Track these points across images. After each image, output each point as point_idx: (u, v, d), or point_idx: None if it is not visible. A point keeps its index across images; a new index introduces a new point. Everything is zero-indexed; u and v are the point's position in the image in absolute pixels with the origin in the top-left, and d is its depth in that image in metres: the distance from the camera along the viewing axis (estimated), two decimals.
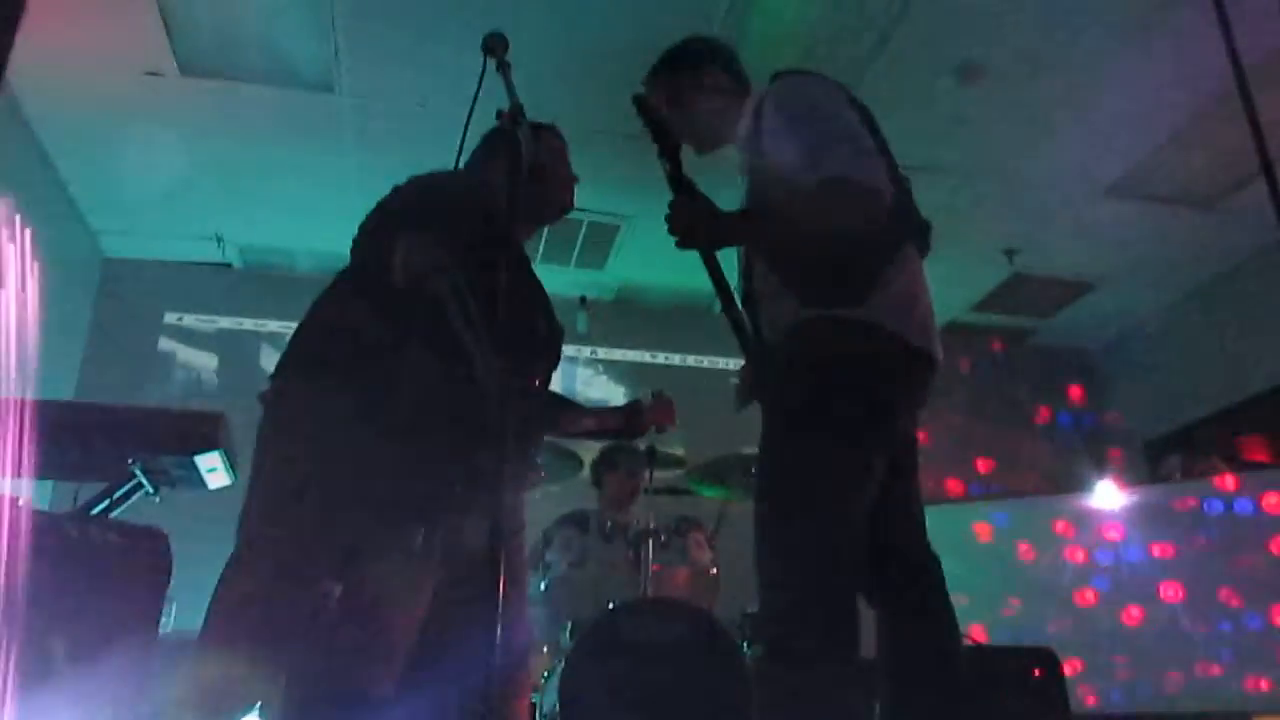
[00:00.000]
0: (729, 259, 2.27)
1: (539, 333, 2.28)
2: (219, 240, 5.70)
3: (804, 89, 2.17)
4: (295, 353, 2.13)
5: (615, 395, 6.39)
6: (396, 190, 2.18)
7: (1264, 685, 4.07)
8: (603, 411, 2.84)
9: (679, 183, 2.20)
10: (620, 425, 2.73)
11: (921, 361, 2.06)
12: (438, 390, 2.04)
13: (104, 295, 5.77)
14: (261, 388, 2.13)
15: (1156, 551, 4.50)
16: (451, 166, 2.30)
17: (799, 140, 2.04)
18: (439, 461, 2.07)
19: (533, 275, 2.37)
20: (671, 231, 2.14)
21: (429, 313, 1.98)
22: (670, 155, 2.24)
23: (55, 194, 5.13)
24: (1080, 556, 4.66)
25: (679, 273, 6.04)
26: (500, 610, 1.49)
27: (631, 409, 2.74)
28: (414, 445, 2.03)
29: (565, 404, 2.67)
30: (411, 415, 2.02)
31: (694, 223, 2.11)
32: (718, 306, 2.30)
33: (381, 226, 2.10)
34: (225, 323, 5.90)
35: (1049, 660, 3.06)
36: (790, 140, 2.05)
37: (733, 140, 2.33)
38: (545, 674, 3.53)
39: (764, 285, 2.16)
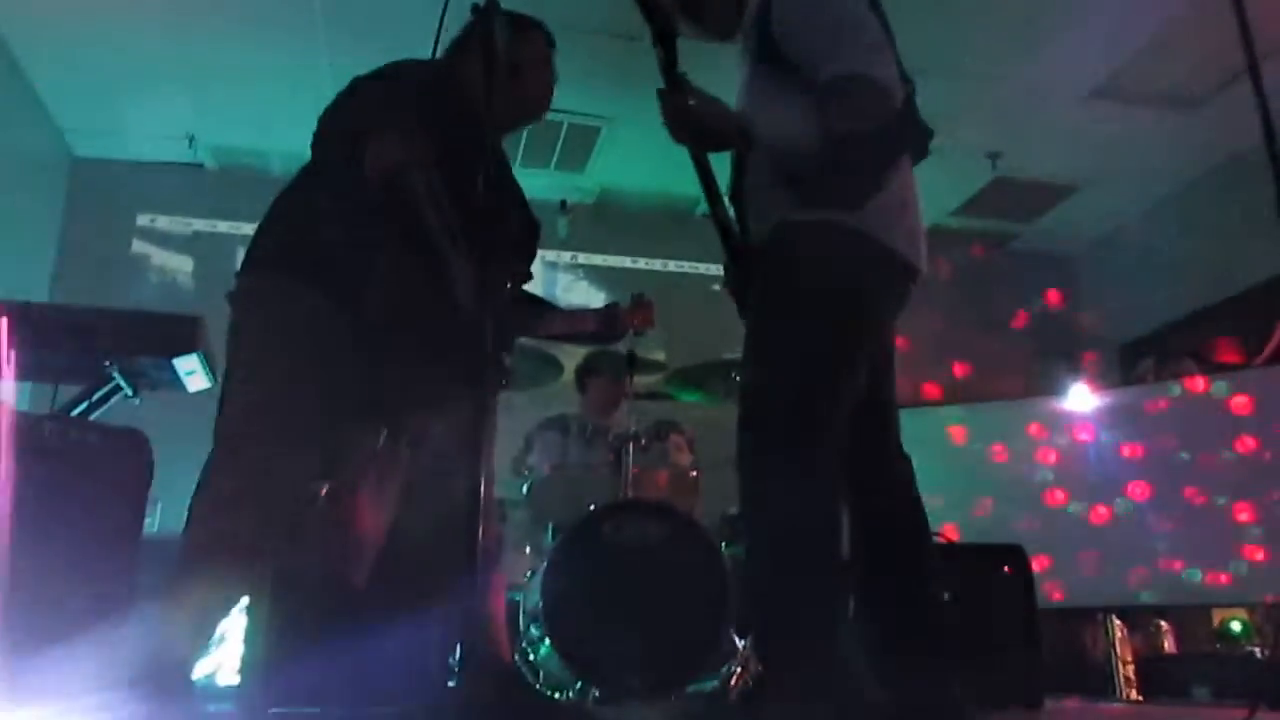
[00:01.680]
0: (718, 155, 2.22)
1: (513, 231, 2.25)
2: (190, 140, 5.57)
3: None
4: (263, 249, 2.10)
5: (595, 300, 6.37)
6: (361, 81, 2.12)
7: (1224, 579, 4.21)
8: (581, 313, 2.83)
9: (672, 73, 2.08)
10: (599, 327, 2.71)
11: (906, 273, 2.07)
12: (409, 291, 2.02)
13: (74, 196, 5.66)
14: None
15: (1126, 452, 4.59)
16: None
17: (811, 31, 1.97)
18: (409, 363, 2.06)
19: (507, 170, 2.33)
20: (667, 123, 2.04)
21: (400, 210, 1.95)
22: (664, 42, 2.10)
23: (21, 91, 4.99)
24: (1052, 458, 4.75)
25: (661, 176, 5.97)
26: (479, 513, 1.51)
27: (609, 311, 2.73)
28: (385, 346, 2.02)
29: (542, 306, 2.65)
30: (382, 315, 2.00)
31: (691, 115, 2.02)
32: (700, 210, 2.28)
33: (349, 120, 2.05)
34: (200, 225, 5.81)
35: (1018, 557, 3.14)
36: (802, 30, 1.99)
37: (733, 37, 2.25)
38: (528, 574, 3.60)
39: (756, 181, 2.12)
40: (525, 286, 2.45)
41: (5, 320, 2.16)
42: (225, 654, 3.14)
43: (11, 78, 4.85)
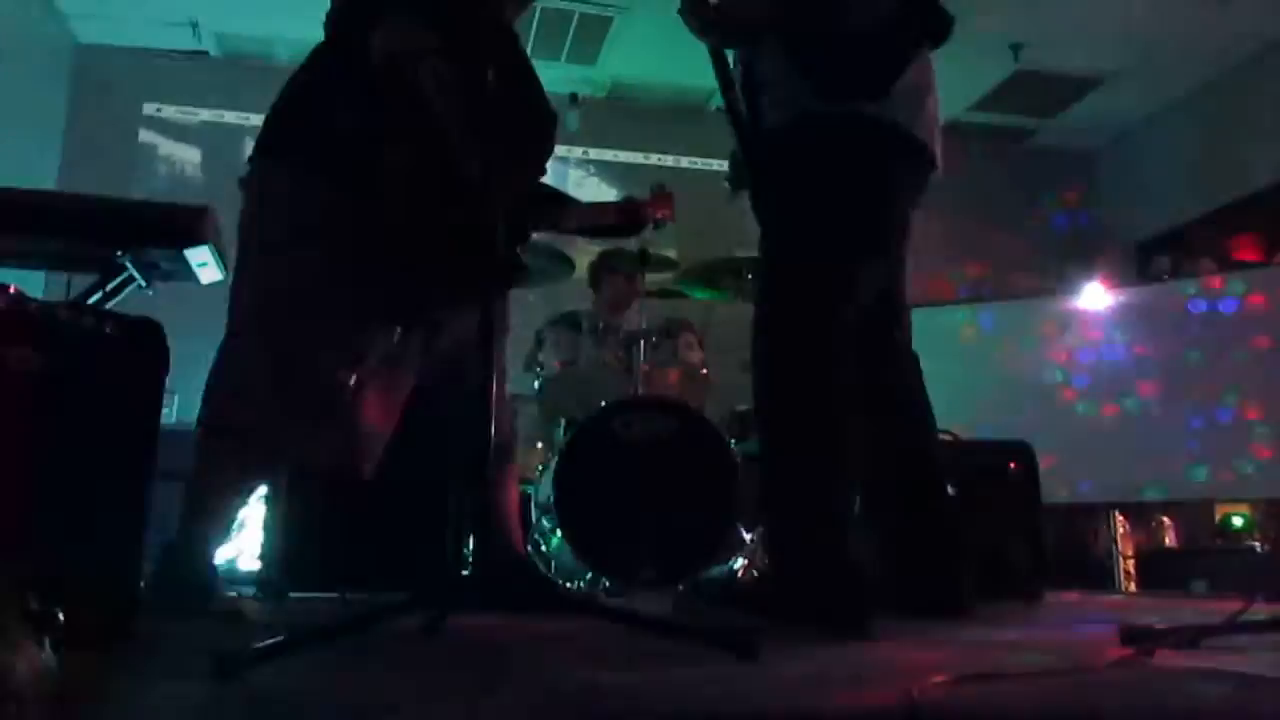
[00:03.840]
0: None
1: (530, 120, 2.21)
2: (194, 26, 5.46)
3: None
4: (274, 134, 2.08)
5: (607, 196, 6.31)
6: None
7: (1229, 476, 4.24)
8: (601, 206, 2.78)
9: None
10: (619, 219, 2.68)
11: (925, 160, 2.06)
12: (420, 184, 2.00)
13: (79, 84, 5.58)
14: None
15: (1138, 350, 4.58)
16: None
17: None
18: (421, 256, 2.05)
19: (523, 56, 2.28)
20: (683, 14, 2.02)
21: (409, 101, 1.92)
22: None
23: None
24: (1063, 357, 4.74)
25: (674, 69, 5.84)
26: (492, 405, 1.52)
27: (629, 203, 2.70)
28: (396, 238, 2.01)
29: (561, 199, 2.62)
30: (393, 207, 1.99)
31: (708, 8, 2.00)
32: (714, 104, 2.24)
33: (359, 4, 2.00)
34: (206, 115, 5.73)
35: (1024, 454, 3.17)
36: None
37: None
38: (540, 468, 3.65)
39: (773, 71, 2.08)
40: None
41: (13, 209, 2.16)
42: (245, 540, 3.22)
43: None
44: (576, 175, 6.27)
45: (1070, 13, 5.18)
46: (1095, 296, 4.79)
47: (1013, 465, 3.15)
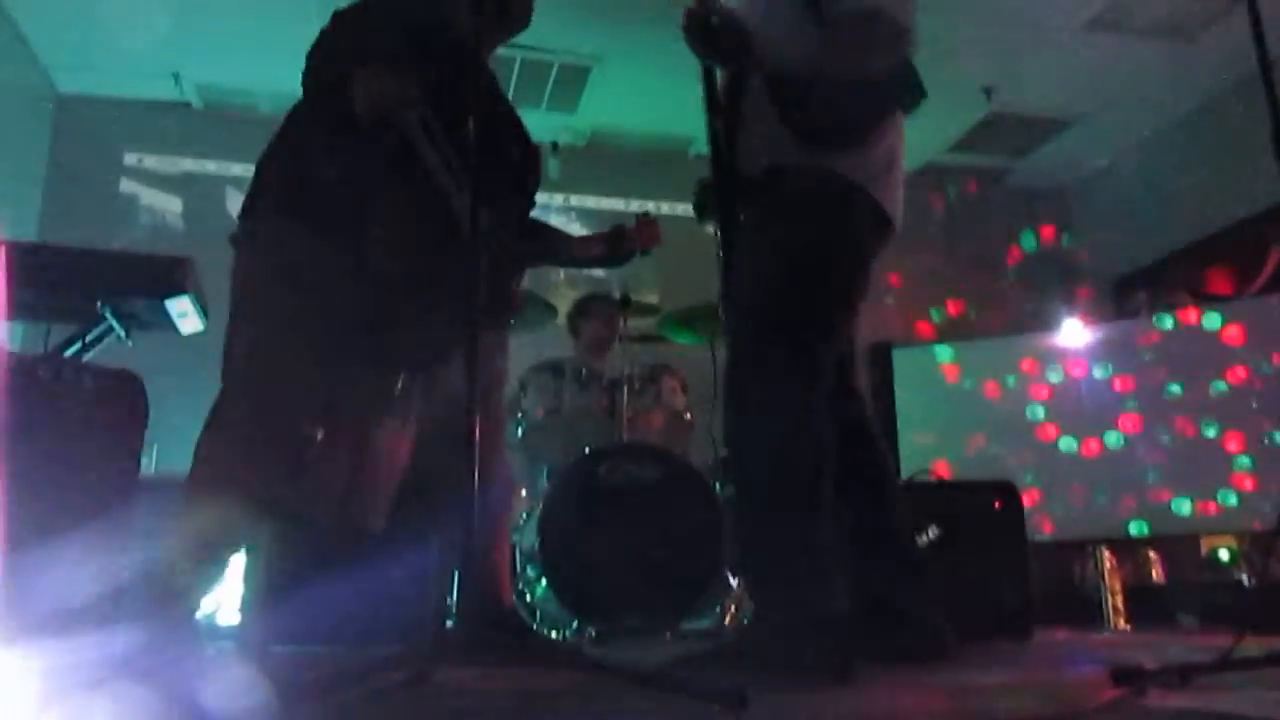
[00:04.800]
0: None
1: (514, 158, 2.22)
2: (176, 78, 5.48)
3: None
4: (261, 191, 2.08)
5: None
6: (343, 14, 2.07)
7: (1213, 508, 4.26)
8: (587, 237, 2.78)
9: None
10: (606, 250, 2.68)
11: (887, 228, 2.11)
12: (410, 230, 2.01)
13: (60, 134, 5.57)
14: (229, 230, 2.09)
15: (1118, 385, 4.62)
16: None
17: None
18: (415, 303, 2.05)
19: (502, 96, 2.29)
20: (685, 31, 2.06)
21: (395, 147, 1.93)
22: None
23: (2, 24, 4.88)
24: (1044, 393, 4.78)
25: (653, 117, 5.90)
26: (477, 457, 1.51)
27: (616, 232, 2.70)
28: (391, 287, 2.02)
29: (549, 232, 2.63)
30: (384, 256, 1.99)
31: (709, 27, 2.03)
32: (693, 150, 2.27)
33: (336, 55, 2.01)
34: (188, 165, 5.73)
35: (1009, 492, 3.17)
36: None
37: None
38: (524, 515, 3.63)
39: (755, 110, 2.12)
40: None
41: None
42: (225, 593, 3.17)
43: None
44: (558, 222, 6.28)
45: (1039, 56, 5.27)
46: (1074, 332, 4.83)
47: (998, 504, 3.15)
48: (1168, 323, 4.58)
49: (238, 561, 2.68)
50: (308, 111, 2.10)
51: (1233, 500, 4.21)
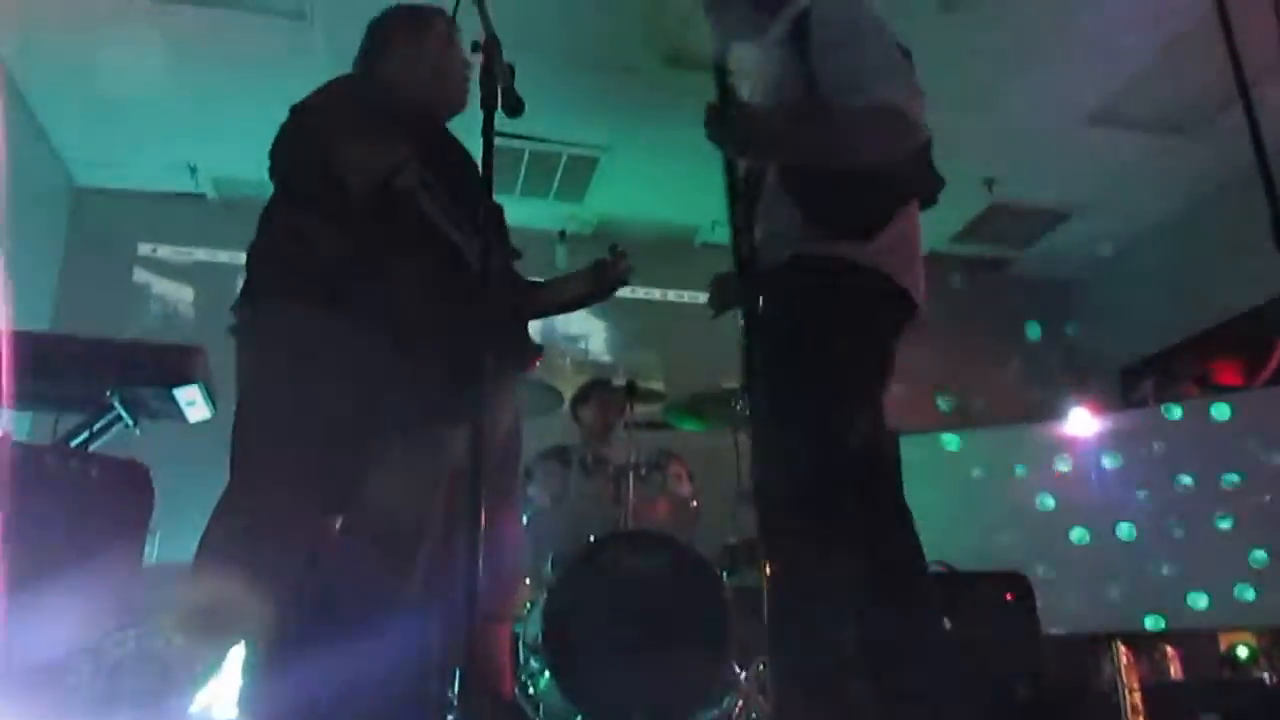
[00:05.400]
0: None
1: (492, 211, 2.24)
2: (192, 170, 5.60)
3: (858, 10, 2.12)
4: (260, 277, 2.09)
5: (595, 330, 6.39)
6: (302, 107, 2.11)
7: (1229, 604, 4.18)
8: (570, 278, 2.73)
9: (723, 81, 2.13)
10: (592, 286, 2.66)
11: (911, 311, 2.13)
12: (426, 292, 2.01)
13: (76, 225, 5.68)
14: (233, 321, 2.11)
15: (1128, 475, 4.57)
16: None
17: (851, 59, 2.02)
18: (439, 368, 2.03)
19: (467, 154, 2.31)
20: (723, 137, 2.08)
21: (398, 210, 1.94)
22: (720, 54, 2.19)
23: (24, 120, 5.01)
24: (1054, 483, 4.73)
25: (659, 206, 6.00)
26: (483, 521, 1.50)
27: (597, 265, 2.69)
28: (408, 357, 2.01)
29: (533, 284, 2.60)
30: (402, 326, 1.99)
31: (747, 131, 2.07)
32: (699, 240, 2.29)
33: (311, 144, 2.04)
34: (201, 255, 5.82)
35: (1020, 584, 3.13)
36: (841, 57, 2.03)
37: (763, 33, 2.27)
38: (528, 605, 3.58)
39: (773, 200, 2.16)
40: None
41: (6, 349, 2.16)
42: (223, 687, 3.11)
43: (16, 106, 4.87)
44: None
45: (1040, 149, 5.37)
46: (1082, 421, 4.80)
47: (1009, 596, 3.10)
48: (1176, 413, 4.55)
49: (236, 653, 2.64)
50: (288, 200, 2.13)
51: (1250, 595, 4.13)
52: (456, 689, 2.53)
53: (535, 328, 2.49)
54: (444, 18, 2.38)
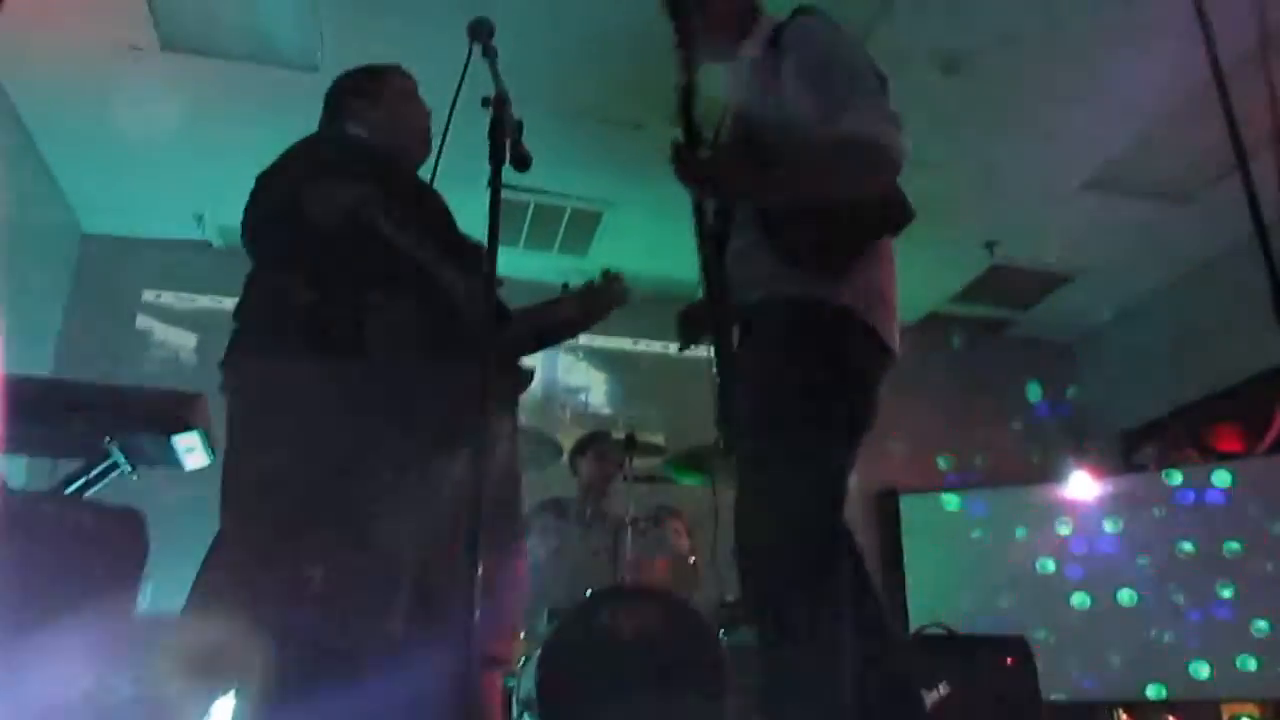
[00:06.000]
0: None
1: (468, 251, 2.24)
2: (199, 219, 5.65)
3: (835, 34, 2.06)
4: (242, 334, 2.09)
5: (596, 382, 6.39)
6: (268, 173, 2.13)
7: (1231, 674, 4.13)
8: (561, 301, 2.69)
9: (690, 121, 2.10)
10: (585, 307, 2.62)
11: (886, 355, 2.08)
12: (402, 325, 2.01)
13: (82, 272, 5.71)
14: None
15: (1129, 540, 4.55)
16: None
17: (825, 86, 1.96)
18: (424, 399, 2.02)
19: (438, 197, 2.32)
20: (691, 178, 2.05)
21: (368, 245, 1.95)
22: (685, 93, 2.13)
23: (34, 169, 5.07)
24: (1054, 545, 4.71)
25: (661, 261, 6.03)
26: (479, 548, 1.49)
27: (585, 288, 2.65)
28: (391, 392, 2.00)
29: (522, 311, 2.54)
30: (380, 362, 1.99)
31: (715, 171, 2.05)
32: (699, 295, 2.28)
33: (273, 197, 2.05)
34: (205, 301, 5.85)
35: (1021, 649, 3.10)
36: (816, 83, 1.98)
37: (732, 58, 2.24)
38: (523, 660, 3.54)
39: (744, 240, 2.11)
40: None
41: (4, 394, 2.16)
42: None
43: (26, 152, 4.93)
44: (566, 361, 6.36)
45: (1040, 213, 5.42)
46: (1083, 485, 4.79)
47: (1010, 661, 3.06)
48: (1177, 479, 4.55)
49: (227, 704, 2.61)
50: (260, 260, 2.13)
51: (1252, 665, 4.09)
52: None
53: (535, 376, 2.46)
54: (399, 72, 2.42)
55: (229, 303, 2.13)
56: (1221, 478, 4.42)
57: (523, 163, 1.88)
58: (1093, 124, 4.65)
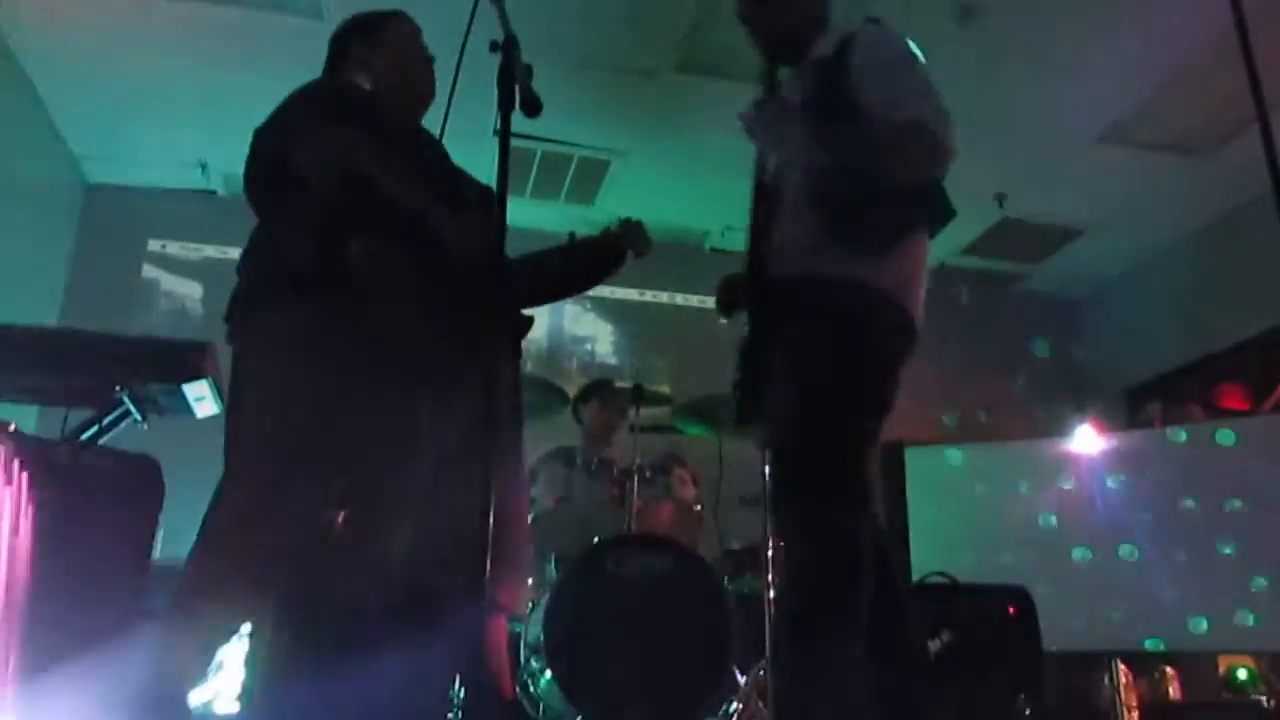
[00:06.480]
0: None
1: (471, 198, 2.23)
2: (203, 167, 5.62)
3: (900, 41, 2.21)
4: (244, 287, 2.10)
5: (602, 332, 6.39)
6: (263, 129, 2.12)
7: (1231, 627, 4.17)
8: (573, 245, 2.67)
9: (771, 80, 2.25)
10: (597, 252, 2.63)
11: (914, 337, 2.17)
12: (394, 274, 2.01)
13: (87, 222, 5.70)
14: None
15: (1131, 496, 4.57)
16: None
17: (889, 80, 2.10)
18: (421, 349, 2.03)
19: (438, 144, 2.31)
20: (747, 120, 2.16)
21: (358, 193, 1.94)
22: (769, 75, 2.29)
23: (37, 118, 5.04)
24: (1057, 500, 4.73)
25: (669, 210, 6.01)
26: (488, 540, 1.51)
27: (602, 234, 2.67)
28: (388, 337, 2.00)
29: (533, 260, 2.55)
30: (375, 307, 1.99)
31: (790, 128, 2.15)
32: (708, 245, 2.32)
33: (266, 150, 2.05)
34: (210, 251, 5.84)
35: (1023, 599, 3.13)
36: (880, 78, 2.11)
37: (797, 60, 2.32)
38: (530, 606, 3.59)
39: (792, 213, 2.19)
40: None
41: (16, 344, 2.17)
42: (223, 681, 3.12)
43: (28, 104, 4.90)
44: (573, 311, 6.35)
45: (1052, 167, 5.37)
46: (1087, 440, 4.80)
47: (1012, 611, 3.10)
48: (1181, 436, 4.55)
49: (239, 648, 2.65)
50: (259, 213, 2.14)
51: (1250, 620, 4.13)
52: (460, 686, 2.53)
53: (542, 326, 2.45)
54: (401, 18, 2.40)
55: (234, 252, 2.13)
56: (1225, 435, 4.42)
57: (533, 106, 1.86)
58: (1109, 76, 4.59)
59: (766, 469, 3.76)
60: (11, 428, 1.30)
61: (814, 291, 2.10)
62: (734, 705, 3.27)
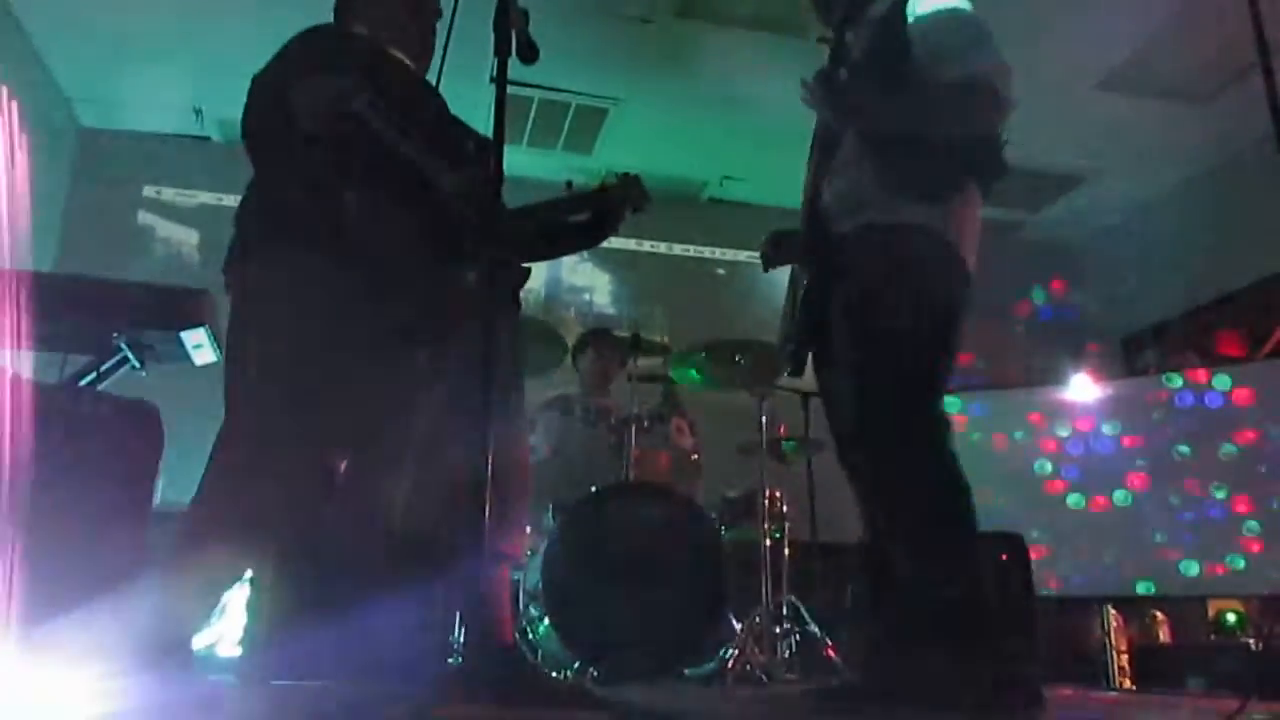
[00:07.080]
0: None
1: (470, 150, 2.22)
2: (198, 113, 5.56)
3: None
4: (241, 234, 2.09)
5: (599, 282, 6.38)
6: (262, 74, 2.10)
7: (1220, 571, 4.23)
8: (571, 198, 2.67)
9: (839, 50, 2.28)
10: (595, 205, 2.63)
11: (970, 293, 2.20)
12: (392, 210, 2.01)
13: (81, 167, 5.65)
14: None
15: (1126, 442, 4.60)
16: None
17: (950, 33, 2.15)
18: (419, 292, 2.04)
19: (437, 94, 2.30)
20: (812, 92, 2.16)
21: (353, 140, 1.93)
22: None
23: (28, 60, 4.97)
24: (1052, 447, 4.76)
25: (667, 160, 5.96)
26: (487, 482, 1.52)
27: (599, 189, 2.67)
28: (382, 284, 1.99)
29: (529, 210, 2.54)
30: (368, 255, 1.99)
31: (858, 100, 2.15)
32: (706, 194, 2.32)
33: (263, 96, 2.03)
34: (205, 197, 5.80)
35: (1016, 545, 3.17)
36: (944, 35, 2.15)
37: (856, 19, 2.34)
38: (528, 553, 3.62)
39: (848, 166, 2.21)
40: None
41: (15, 289, 2.17)
42: (226, 626, 3.16)
43: (19, 46, 4.83)
44: (571, 261, 6.32)
45: (1053, 112, 5.31)
46: (1083, 388, 4.82)
47: (1004, 556, 3.13)
48: (1177, 382, 4.57)
49: (241, 593, 2.68)
50: (256, 158, 2.12)
51: (1240, 564, 4.18)
52: (461, 632, 2.56)
53: (540, 276, 2.45)
54: None
55: (229, 199, 2.13)
56: (1222, 382, 4.44)
57: (530, 51, 1.85)
58: (1108, 21, 4.53)
59: (763, 419, 3.82)
60: (9, 372, 1.31)
61: (880, 240, 2.12)
62: (730, 652, 3.32)
